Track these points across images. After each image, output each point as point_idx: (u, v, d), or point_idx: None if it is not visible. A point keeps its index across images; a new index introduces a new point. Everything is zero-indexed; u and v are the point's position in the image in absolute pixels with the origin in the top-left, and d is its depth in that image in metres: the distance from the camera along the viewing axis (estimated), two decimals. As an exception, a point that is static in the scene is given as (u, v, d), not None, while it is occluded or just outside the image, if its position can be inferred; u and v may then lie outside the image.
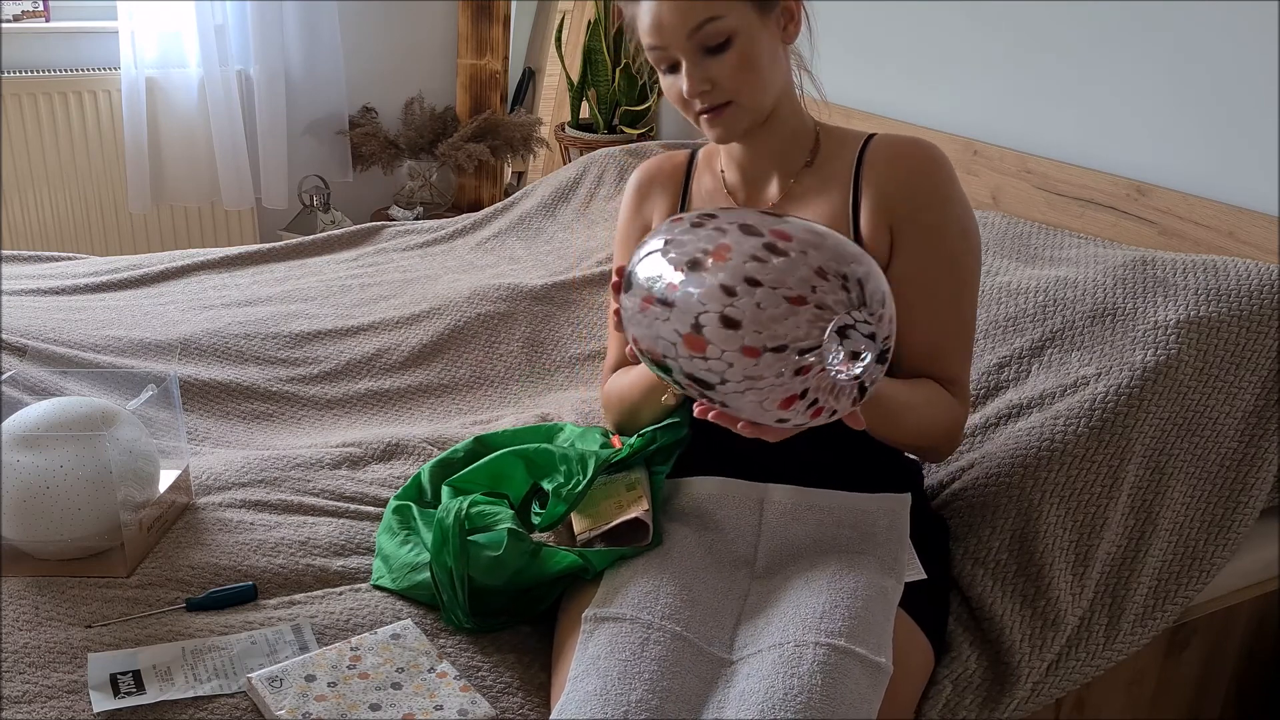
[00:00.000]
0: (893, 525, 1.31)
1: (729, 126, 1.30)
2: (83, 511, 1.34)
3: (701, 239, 1.08)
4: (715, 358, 1.03)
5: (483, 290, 2.21)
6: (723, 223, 1.09)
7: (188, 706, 1.16)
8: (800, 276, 1.02)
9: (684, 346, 1.05)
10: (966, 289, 1.33)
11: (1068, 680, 1.40)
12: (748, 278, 1.02)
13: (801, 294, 1.01)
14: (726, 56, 1.25)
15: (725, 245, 1.06)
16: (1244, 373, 1.60)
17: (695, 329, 1.04)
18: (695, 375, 1.06)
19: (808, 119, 1.39)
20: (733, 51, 1.25)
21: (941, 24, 2.40)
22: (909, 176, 1.31)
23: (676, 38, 1.25)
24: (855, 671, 1.11)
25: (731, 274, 1.03)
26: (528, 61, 3.92)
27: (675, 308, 1.06)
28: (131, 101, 3.10)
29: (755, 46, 1.26)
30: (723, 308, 1.02)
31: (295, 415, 1.88)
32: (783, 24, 1.30)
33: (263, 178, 3.36)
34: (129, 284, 2.36)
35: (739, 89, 1.27)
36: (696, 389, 1.08)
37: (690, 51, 1.26)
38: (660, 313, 1.08)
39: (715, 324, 1.02)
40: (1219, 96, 1.90)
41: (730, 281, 1.02)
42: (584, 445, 1.51)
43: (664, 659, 1.13)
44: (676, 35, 1.25)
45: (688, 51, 1.26)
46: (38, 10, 3.11)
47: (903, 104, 2.52)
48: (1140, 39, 2.01)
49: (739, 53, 1.25)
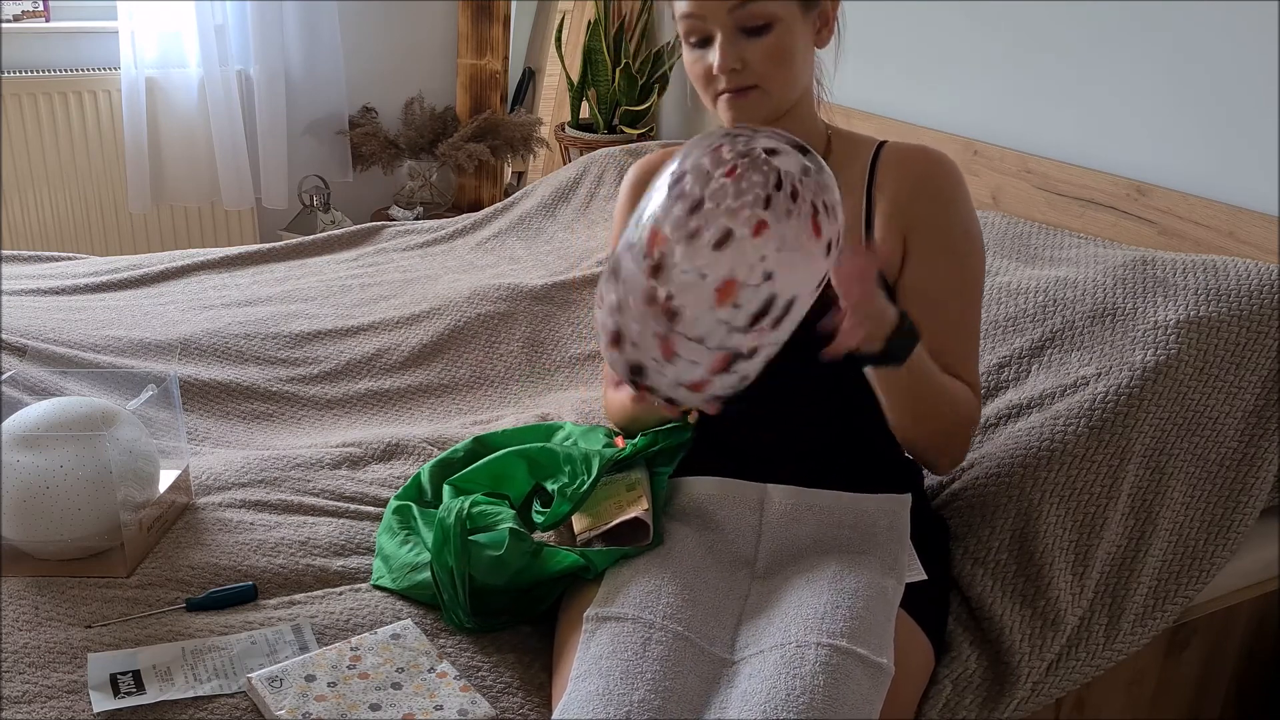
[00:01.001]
0: (893, 526, 1.31)
1: (749, 111, 1.29)
2: (83, 511, 1.34)
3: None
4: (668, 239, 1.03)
5: (483, 290, 2.21)
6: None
7: (188, 706, 1.16)
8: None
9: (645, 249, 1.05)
10: (975, 294, 1.34)
11: (1068, 680, 1.40)
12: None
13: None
14: (763, 40, 1.25)
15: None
16: (1244, 373, 1.60)
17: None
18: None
19: (820, 123, 1.39)
20: (771, 37, 1.25)
21: (941, 24, 2.40)
22: (922, 185, 1.32)
23: (718, 11, 1.24)
24: (857, 672, 1.11)
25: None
26: (528, 61, 3.92)
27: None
28: (131, 101, 3.10)
29: (792, 38, 1.26)
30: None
31: (295, 415, 1.88)
32: (818, 26, 1.30)
33: (263, 178, 3.36)
34: (129, 284, 2.36)
35: (768, 75, 1.26)
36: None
37: (729, 28, 1.25)
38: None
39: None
40: (1219, 96, 1.90)
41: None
42: (587, 445, 1.51)
43: (666, 659, 1.13)
44: (719, 9, 1.24)
45: (726, 27, 1.25)
46: (38, 10, 3.11)
47: (903, 104, 2.52)
48: (1140, 39, 2.01)
49: (776, 39, 1.25)
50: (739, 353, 1.05)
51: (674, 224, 1.02)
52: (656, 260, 1.03)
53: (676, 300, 1.02)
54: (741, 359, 1.06)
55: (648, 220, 1.05)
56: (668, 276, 1.02)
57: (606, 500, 1.37)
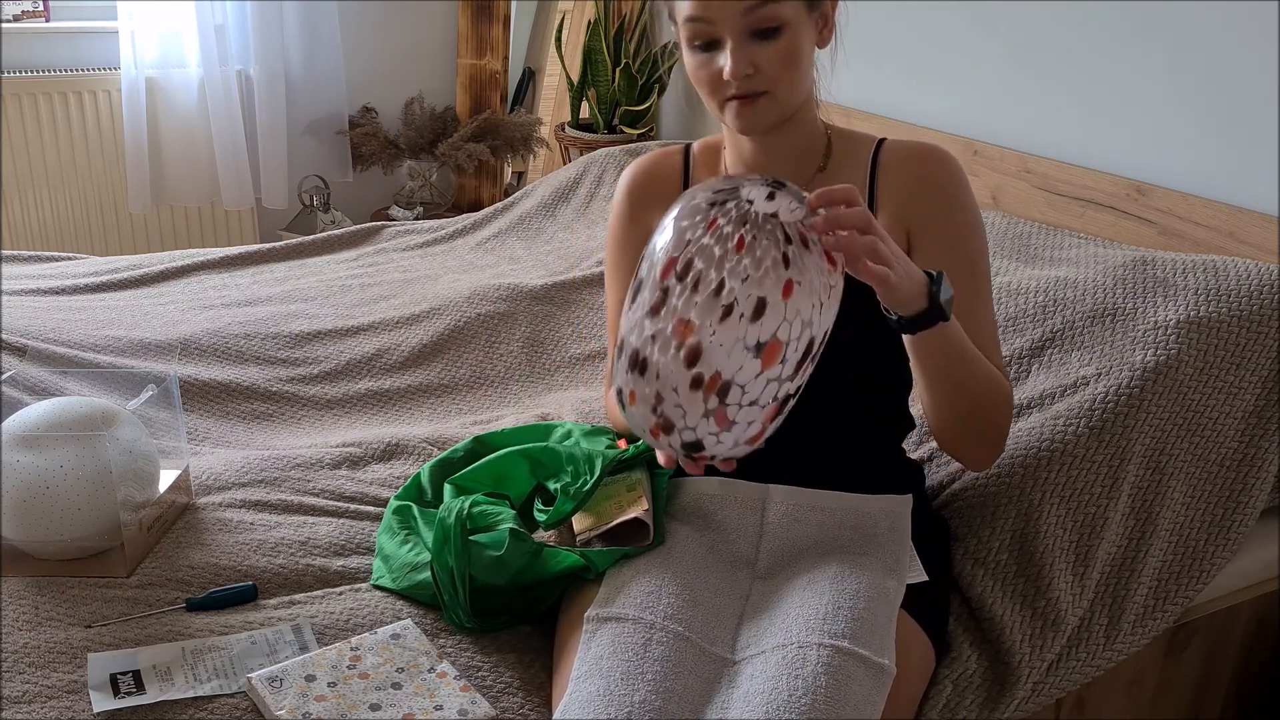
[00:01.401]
0: (894, 526, 1.31)
1: (759, 117, 1.26)
2: (83, 511, 1.34)
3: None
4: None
5: (483, 290, 2.21)
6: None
7: (188, 706, 1.16)
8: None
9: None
10: (987, 286, 1.33)
11: (1068, 680, 1.40)
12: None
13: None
14: (774, 44, 1.22)
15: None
16: (1244, 373, 1.59)
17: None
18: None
19: (820, 123, 1.38)
20: (781, 40, 1.22)
21: (941, 24, 2.40)
22: (925, 180, 1.31)
23: (729, 15, 1.21)
24: (859, 673, 1.11)
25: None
26: (528, 61, 3.92)
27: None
28: (131, 101, 3.10)
29: (801, 41, 1.24)
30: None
31: (295, 415, 1.88)
32: (819, 26, 1.29)
33: (263, 178, 3.36)
34: (129, 284, 2.36)
35: (778, 79, 1.24)
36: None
37: (739, 32, 1.22)
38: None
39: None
40: (1219, 96, 1.90)
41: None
42: (590, 445, 1.51)
43: (667, 659, 1.13)
44: (729, 12, 1.21)
45: (736, 32, 1.22)
46: (38, 10, 3.10)
47: (903, 104, 2.52)
48: (1140, 39, 2.01)
49: (787, 43, 1.23)
50: (789, 395, 1.07)
51: (701, 311, 1.02)
52: (692, 347, 1.02)
53: (725, 376, 1.03)
54: (791, 399, 1.08)
55: (667, 314, 1.03)
56: (709, 359, 1.02)
57: (607, 500, 1.37)
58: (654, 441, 1.09)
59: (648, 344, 1.04)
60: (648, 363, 1.04)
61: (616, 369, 1.09)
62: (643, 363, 1.05)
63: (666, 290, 1.03)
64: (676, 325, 1.02)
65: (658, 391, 1.04)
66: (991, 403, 1.27)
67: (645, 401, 1.06)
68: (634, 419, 1.09)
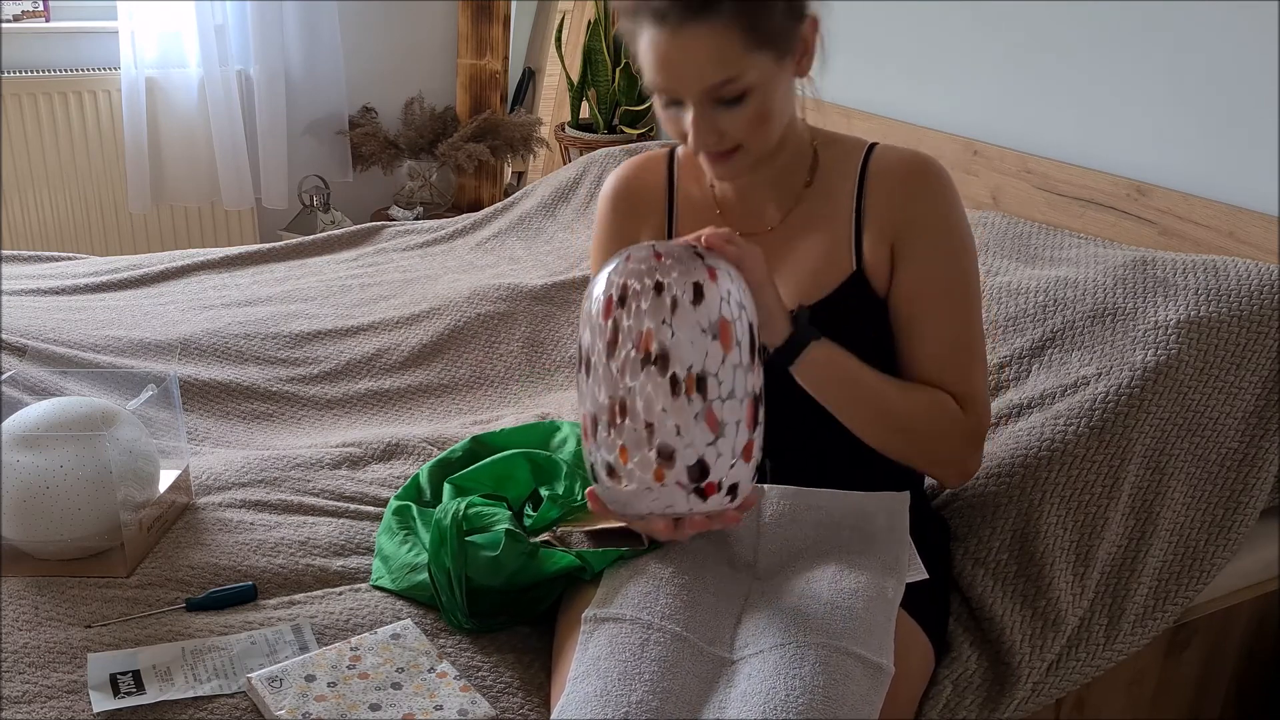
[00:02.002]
0: (892, 524, 1.30)
1: (734, 168, 1.25)
2: (83, 511, 1.34)
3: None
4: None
5: (483, 290, 2.21)
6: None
7: (188, 706, 1.16)
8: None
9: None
10: (972, 304, 1.30)
11: (1068, 680, 1.40)
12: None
13: None
14: (741, 109, 1.19)
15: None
16: (1244, 373, 1.59)
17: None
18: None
19: (805, 138, 1.34)
20: (749, 105, 1.18)
21: (941, 24, 2.40)
22: (911, 195, 1.29)
23: (688, 90, 1.18)
24: (857, 673, 1.11)
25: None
26: (528, 61, 3.92)
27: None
28: (131, 101, 3.10)
29: (771, 97, 1.20)
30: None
31: (295, 415, 1.88)
32: (798, 58, 1.23)
33: (263, 178, 3.35)
34: (129, 284, 2.36)
35: (750, 138, 1.21)
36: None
37: (702, 103, 1.18)
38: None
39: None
40: (1219, 96, 1.90)
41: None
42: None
43: (664, 659, 1.13)
44: (689, 88, 1.18)
45: (699, 103, 1.18)
46: (38, 10, 3.10)
47: (903, 104, 2.51)
48: (1140, 39, 2.01)
49: (755, 106, 1.19)
50: (757, 395, 1.12)
51: (652, 312, 1.08)
52: (659, 353, 1.07)
53: (696, 368, 1.08)
54: (759, 402, 1.12)
55: (624, 337, 1.09)
56: (677, 354, 1.07)
57: (597, 515, 1.37)
58: (662, 490, 1.10)
59: (616, 383, 1.09)
60: (625, 401, 1.08)
61: (594, 447, 1.12)
62: (621, 404, 1.09)
63: (615, 321, 1.09)
64: (638, 339, 1.08)
65: (646, 422, 1.08)
66: (927, 431, 1.26)
67: (639, 444, 1.08)
68: (631, 479, 1.11)
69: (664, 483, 1.09)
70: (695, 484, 1.10)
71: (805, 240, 1.32)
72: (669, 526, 1.14)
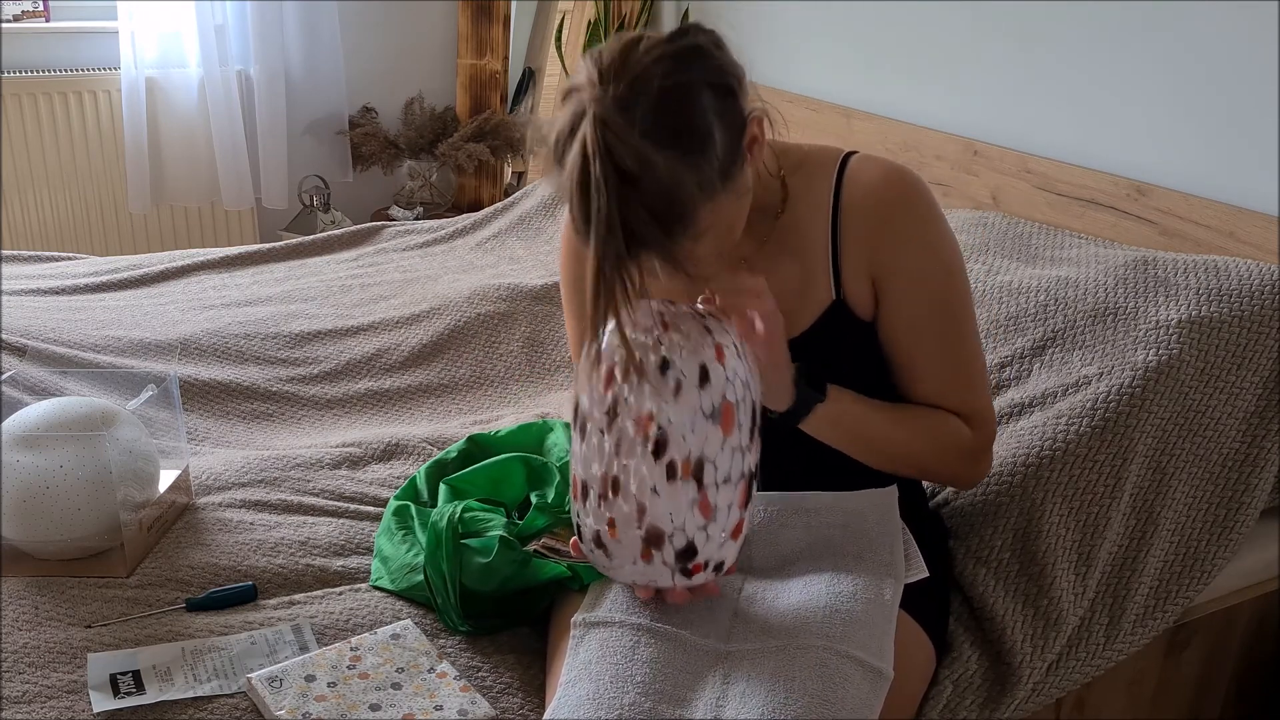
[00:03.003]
0: (882, 521, 1.29)
1: (718, 267, 1.18)
2: (83, 511, 1.34)
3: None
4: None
5: (483, 290, 2.21)
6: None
7: (188, 706, 1.16)
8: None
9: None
10: (966, 322, 1.27)
11: (1068, 680, 1.40)
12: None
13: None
14: (710, 239, 1.10)
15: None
16: (1245, 373, 1.59)
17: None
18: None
19: (770, 169, 1.26)
20: (716, 234, 1.10)
21: (941, 24, 2.40)
22: (892, 231, 1.23)
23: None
24: (855, 677, 1.11)
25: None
26: (528, 61, 3.91)
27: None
28: (131, 101, 3.10)
29: (732, 222, 1.13)
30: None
31: (295, 415, 1.88)
32: (749, 155, 1.12)
33: (263, 178, 3.35)
34: (129, 284, 2.36)
35: (720, 251, 1.14)
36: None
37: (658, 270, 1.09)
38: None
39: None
40: (1219, 96, 1.90)
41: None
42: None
43: (655, 661, 1.13)
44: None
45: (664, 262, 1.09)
46: (38, 10, 3.10)
47: (903, 104, 2.51)
48: (1140, 39, 2.01)
49: (718, 234, 1.11)
50: (752, 473, 1.11)
51: (654, 393, 1.05)
52: (657, 438, 1.06)
53: (695, 453, 1.06)
54: (754, 478, 1.12)
55: (624, 415, 1.07)
56: (676, 441, 1.06)
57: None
58: (649, 568, 1.12)
59: (611, 459, 1.07)
60: (619, 480, 1.07)
61: (583, 512, 1.11)
62: (614, 481, 1.08)
63: (615, 399, 1.07)
64: (637, 422, 1.06)
65: (639, 504, 1.07)
66: (937, 459, 1.28)
67: (628, 523, 1.08)
68: (618, 553, 1.11)
69: (651, 562, 1.11)
70: (682, 565, 1.11)
71: (781, 270, 1.27)
72: (650, 594, 1.16)
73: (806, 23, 2.72)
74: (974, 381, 1.29)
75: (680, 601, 1.16)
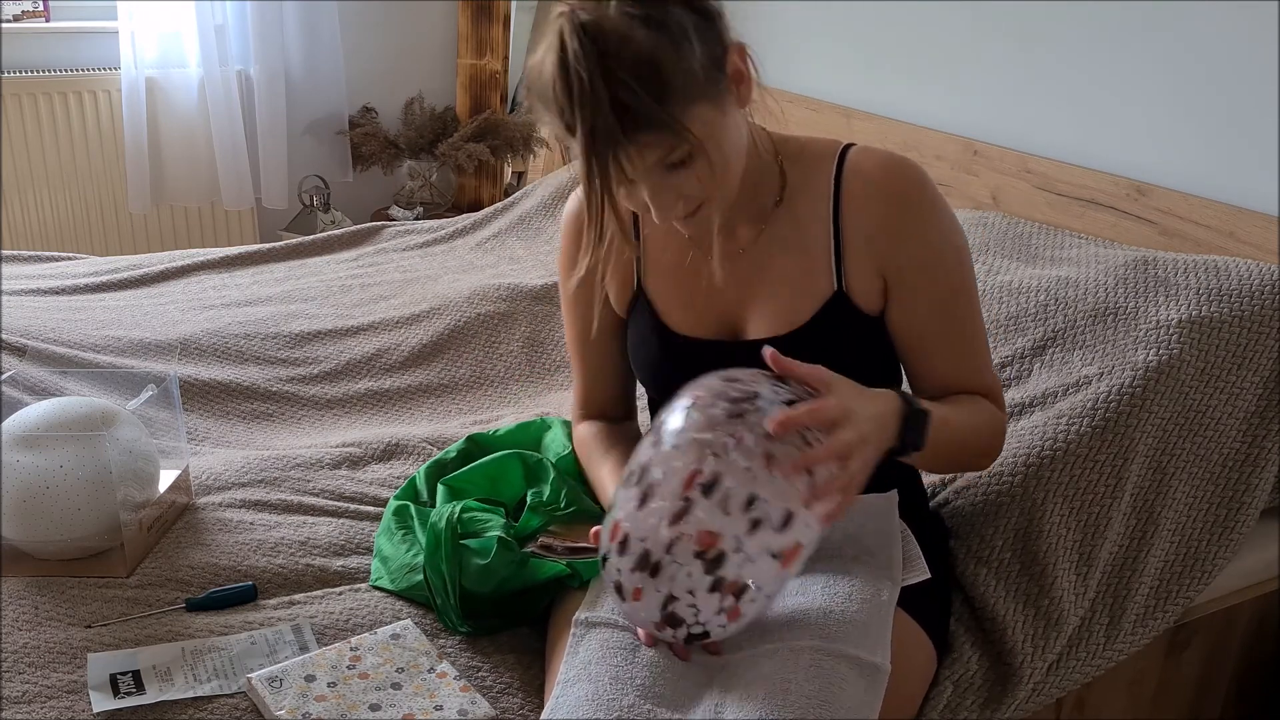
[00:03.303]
0: (881, 527, 1.29)
1: (703, 224, 1.21)
2: (83, 511, 1.34)
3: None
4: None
5: (483, 290, 2.21)
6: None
7: (187, 706, 1.16)
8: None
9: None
10: (974, 302, 1.28)
11: (1068, 680, 1.40)
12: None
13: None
14: (695, 168, 1.11)
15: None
16: (1245, 373, 1.59)
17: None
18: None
19: (767, 154, 1.26)
20: (700, 162, 1.11)
21: (941, 24, 2.40)
22: (900, 223, 1.23)
23: (634, 173, 1.11)
24: (852, 676, 1.10)
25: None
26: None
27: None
28: (131, 101, 3.10)
29: (720, 145, 1.12)
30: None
31: (295, 415, 1.88)
32: (735, 90, 1.14)
33: (263, 178, 3.35)
34: (129, 284, 2.36)
35: (710, 193, 1.15)
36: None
37: (652, 176, 1.11)
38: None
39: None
40: (1219, 96, 1.90)
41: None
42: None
43: (655, 664, 1.13)
44: (634, 171, 1.11)
45: (649, 178, 1.12)
46: (38, 10, 3.10)
47: (903, 104, 2.51)
48: (1140, 39, 2.01)
49: (706, 163, 1.11)
50: (782, 588, 1.12)
51: (729, 524, 1.03)
52: (716, 556, 1.04)
53: (744, 580, 1.06)
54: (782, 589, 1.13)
55: (690, 523, 1.04)
56: (732, 566, 1.05)
57: (580, 527, 1.36)
58: (652, 633, 1.13)
59: (663, 549, 1.06)
60: (661, 566, 1.06)
61: (617, 565, 1.09)
62: (655, 565, 1.06)
63: (689, 502, 1.04)
64: (701, 535, 1.04)
65: (671, 593, 1.07)
66: (990, 443, 1.28)
67: (654, 599, 1.08)
68: (633, 614, 1.11)
69: (661, 632, 1.12)
70: (693, 643, 1.13)
71: (781, 261, 1.27)
72: (651, 640, 1.16)
73: (806, 23, 2.72)
74: (987, 360, 1.30)
75: (682, 655, 1.16)
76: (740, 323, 1.30)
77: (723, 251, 1.29)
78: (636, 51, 1.04)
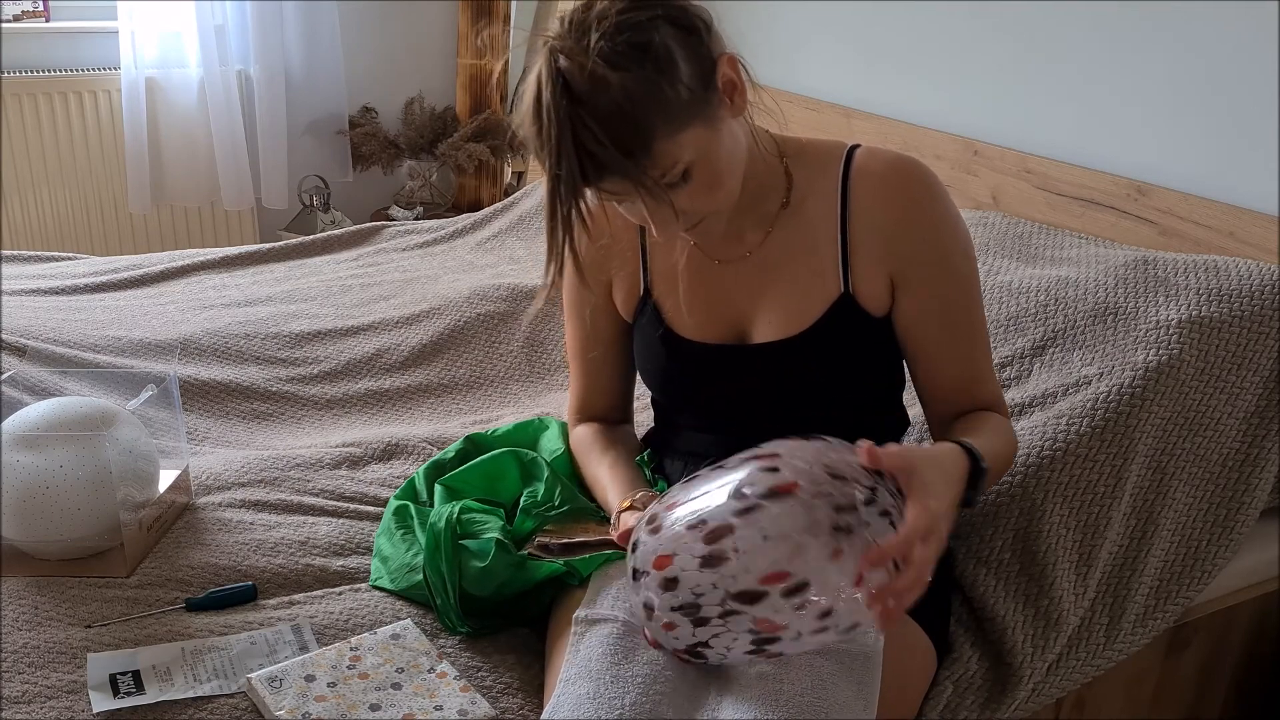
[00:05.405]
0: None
1: (708, 235, 1.21)
2: (83, 511, 1.34)
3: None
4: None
5: (483, 290, 2.21)
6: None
7: (187, 707, 1.16)
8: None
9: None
10: (980, 307, 1.28)
11: (1068, 680, 1.40)
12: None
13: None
14: (692, 184, 1.12)
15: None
16: (1245, 373, 1.59)
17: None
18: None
19: (772, 157, 1.27)
20: (698, 177, 1.12)
21: (941, 24, 2.40)
22: (903, 215, 1.23)
23: (631, 193, 1.11)
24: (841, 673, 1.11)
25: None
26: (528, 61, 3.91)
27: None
28: (131, 101, 3.10)
29: (716, 158, 1.13)
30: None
31: (295, 415, 1.88)
32: (728, 101, 1.14)
33: (263, 178, 3.36)
34: (129, 284, 2.36)
35: (711, 204, 1.16)
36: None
37: (650, 195, 1.11)
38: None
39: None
40: (1219, 96, 1.90)
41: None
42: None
43: (655, 662, 1.13)
44: (626, 191, 1.11)
45: (647, 197, 1.11)
46: (38, 10, 3.10)
47: (903, 104, 2.51)
48: (1140, 39, 2.01)
49: (704, 176, 1.12)
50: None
51: (799, 622, 1.02)
52: (770, 637, 1.04)
53: (785, 655, 1.08)
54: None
55: (760, 610, 1.02)
56: (780, 645, 1.05)
57: (575, 524, 1.36)
58: (683, 659, 1.13)
59: (717, 612, 1.04)
60: (708, 622, 1.05)
61: (656, 596, 1.07)
62: (703, 620, 1.05)
63: (765, 594, 1.02)
64: (764, 623, 1.03)
65: (708, 642, 1.07)
66: (1009, 463, 1.29)
67: (686, 637, 1.08)
68: (656, 634, 1.11)
69: (679, 659, 1.13)
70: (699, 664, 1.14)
71: (788, 264, 1.27)
72: (656, 643, 1.16)
73: (806, 23, 2.72)
74: (990, 367, 1.30)
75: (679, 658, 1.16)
76: (747, 326, 1.30)
77: (730, 258, 1.29)
78: (610, 100, 1.05)
